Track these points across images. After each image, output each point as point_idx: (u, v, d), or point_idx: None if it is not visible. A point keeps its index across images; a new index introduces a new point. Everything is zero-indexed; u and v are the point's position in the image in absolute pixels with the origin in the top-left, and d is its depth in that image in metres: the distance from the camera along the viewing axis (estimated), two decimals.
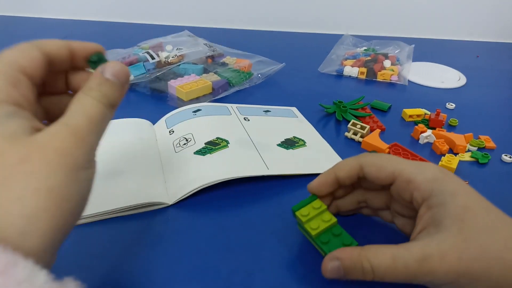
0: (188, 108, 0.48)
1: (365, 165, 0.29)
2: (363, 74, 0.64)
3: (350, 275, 0.24)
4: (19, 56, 0.22)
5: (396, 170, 0.27)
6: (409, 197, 0.27)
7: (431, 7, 0.86)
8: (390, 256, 0.24)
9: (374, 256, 0.24)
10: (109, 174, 0.38)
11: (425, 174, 0.26)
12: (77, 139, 0.20)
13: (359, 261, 0.24)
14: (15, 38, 0.78)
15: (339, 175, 0.29)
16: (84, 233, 0.32)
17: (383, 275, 0.23)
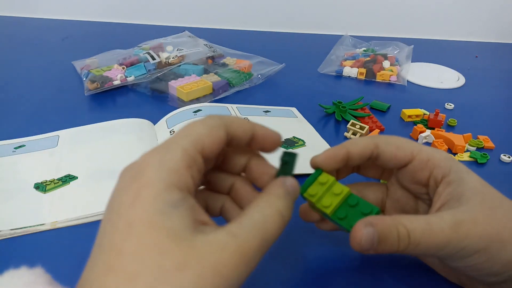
0: (189, 108, 0.48)
1: (382, 144, 0.27)
2: (363, 74, 0.65)
3: (385, 242, 0.22)
4: (206, 134, 0.21)
5: (415, 150, 0.27)
6: (426, 176, 0.26)
7: (430, 8, 0.86)
8: (424, 221, 0.23)
9: (409, 221, 0.23)
10: (110, 174, 0.38)
11: (441, 153, 0.27)
12: (241, 260, 0.18)
13: (394, 226, 0.23)
14: (15, 38, 0.79)
15: (352, 150, 0.27)
16: (84, 233, 0.32)
17: (419, 239, 0.22)
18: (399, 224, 0.23)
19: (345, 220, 0.25)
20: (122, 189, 0.19)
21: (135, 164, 0.21)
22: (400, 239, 0.23)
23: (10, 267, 0.21)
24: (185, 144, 0.20)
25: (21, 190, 0.36)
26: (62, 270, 0.29)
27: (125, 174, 0.20)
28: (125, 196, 0.19)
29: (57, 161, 0.40)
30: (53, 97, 0.55)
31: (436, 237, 0.23)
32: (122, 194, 0.19)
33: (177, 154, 0.20)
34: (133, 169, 0.20)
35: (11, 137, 0.45)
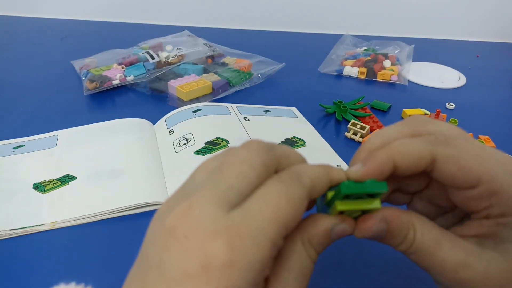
0: (188, 108, 0.48)
1: (442, 161, 0.20)
2: (363, 74, 0.64)
3: (389, 239, 0.21)
4: (293, 216, 0.17)
5: (484, 176, 0.19)
6: (481, 207, 0.20)
7: (431, 7, 0.86)
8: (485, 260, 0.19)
9: (465, 253, 0.20)
10: (109, 174, 0.38)
11: (505, 172, 0.20)
12: None
13: (406, 226, 0.20)
14: (14, 38, 0.79)
15: (400, 164, 0.20)
16: (84, 233, 0.32)
17: (424, 257, 0.20)
18: (411, 227, 0.20)
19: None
20: (188, 275, 0.15)
21: (205, 243, 0.16)
22: (404, 241, 0.20)
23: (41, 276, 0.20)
24: (274, 234, 0.17)
25: (20, 190, 0.36)
26: (62, 270, 0.28)
27: (188, 246, 0.16)
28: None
29: (56, 161, 0.40)
30: (52, 97, 0.55)
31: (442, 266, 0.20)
32: (185, 281, 0.15)
33: (266, 250, 0.16)
34: (201, 249, 0.16)
35: (10, 137, 0.44)
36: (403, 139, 0.21)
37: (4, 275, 0.28)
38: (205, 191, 0.17)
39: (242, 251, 0.16)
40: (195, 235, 0.16)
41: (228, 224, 0.16)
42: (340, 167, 0.21)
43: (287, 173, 0.19)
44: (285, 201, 0.17)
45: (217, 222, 0.16)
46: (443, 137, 0.21)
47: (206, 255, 0.15)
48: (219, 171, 0.18)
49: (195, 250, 0.16)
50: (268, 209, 0.17)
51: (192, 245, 0.16)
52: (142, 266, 0.17)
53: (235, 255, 0.16)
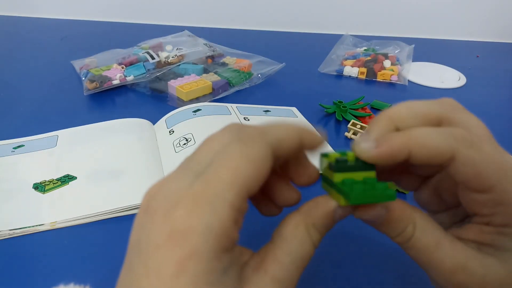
0: (188, 108, 0.48)
1: (460, 162, 0.19)
2: (363, 74, 0.64)
3: (386, 228, 0.20)
4: (253, 176, 0.17)
5: (497, 186, 0.19)
6: (486, 213, 0.20)
7: (431, 7, 0.86)
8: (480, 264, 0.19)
9: (464, 256, 0.19)
10: (109, 174, 0.38)
11: (493, 160, 0.19)
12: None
13: (407, 219, 0.20)
14: (13, 38, 0.79)
15: (415, 155, 0.19)
16: (84, 233, 0.32)
17: (422, 255, 0.20)
18: (444, 250, 0.19)
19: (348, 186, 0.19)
20: (157, 246, 0.16)
21: (169, 212, 0.17)
22: (401, 234, 0.20)
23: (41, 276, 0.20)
24: (232, 198, 0.17)
25: (20, 190, 0.36)
26: (62, 270, 0.28)
27: (156, 220, 0.17)
28: (162, 258, 0.16)
29: (56, 161, 0.40)
30: (52, 97, 0.55)
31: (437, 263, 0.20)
32: (156, 252, 0.16)
33: (224, 214, 0.16)
34: (166, 219, 0.16)
35: (10, 137, 0.44)
36: (427, 128, 0.20)
37: (4, 275, 0.29)
38: (177, 169, 0.19)
39: (200, 216, 0.16)
40: (162, 208, 0.17)
41: (190, 193, 0.17)
42: (316, 132, 0.21)
43: (249, 133, 0.19)
44: (244, 161, 0.17)
45: (181, 192, 0.17)
46: (469, 136, 0.20)
47: (170, 225, 0.16)
48: (193, 152, 0.19)
49: (161, 221, 0.16)
50: (227, 172, 0.17)
51: (159, 218, 0.17)
52: (127, 251, 0.18)
53: (193, 221, 0.16)
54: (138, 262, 0.17)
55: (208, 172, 0.17)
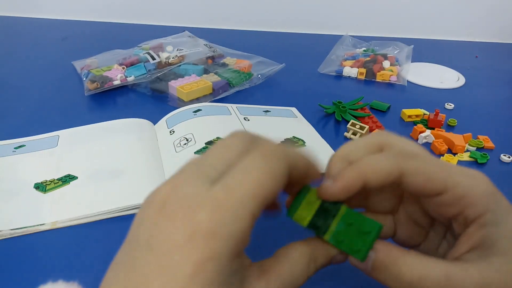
0: (189, 108, 0.48)
1: (409, 174, 0.22)
2: (363, 74, 0.64)
3: (378, 273, 0.21)
4: (272, 190, 0.19)
5: (449, 182, 0.21)
6: (455, 212, 0.22)
7: (430, 8, 0.86)
8: (444, 273, 0.20)
9: (423, 267, 0.20)
10: (110, 174, 0.38)
11: (480, 187, 0.22)
12: None
13: (396, 265, 0.20)
14: (15, 38, 0.79)
15: (369, 180, 0.22)
16: (84, 233, 0.33)
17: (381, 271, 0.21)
18: (403, 265, 0.20)
19: (345, 243, 0.22)
20: (175, 246, 0.17)
21: (191, 215, 0.17)
22: (397, 278, 0.20)
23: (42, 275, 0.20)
24: (254, 208, 0.18)
25: (21, 190, 0.36)
26: (62, 270, 0.29)
27: (176, 220, 0.17)
28: (180, 258, 0.17)
29: (57, 161, 0.40)
30: (53, 97, 0.55)
31: None
32: (174, 252, 0.17)
33: (246, 222, 0.18)
34: (188, 221, 0.17)
35: (11, 137, 0.45)
36: (373, 155, 0.23)
37: (5, 275, 0.29)
38: (188, 171, 0.19)
39: (223, 222, 0.17)
40: (182, 209, 0.17)
41: (211, 197, 0.17)
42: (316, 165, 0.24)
43: (271, 149, 0.20)
44: (268, 176, 0.18)
45: (201, 196, 0.18)
46: (408, 152, 0.23)
47: (191, 226, 0.17)
48: (201, 156, 0.20)
49: (182, 222, 0.17)
50: (250, 183, 0.18)
51: (179, 219, 0.17)
52: (129, 247, 0.18)
53: (217, 226, 0.17)
54: (149, 260, 0.17)
55: (229, 180, 0.18)
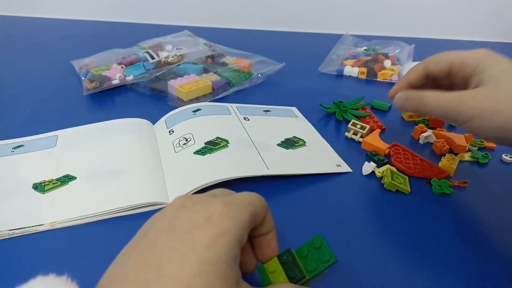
0: (188, 108, 0.47)
1: (427, 64, 0.36)
2: (363, 74, 0.64)
3: (409, 102, 0.34)
4: (260, 208, 0.24)
5: (450, 58, 0.34)
6: (463, 75, 0.34)
7: (431, 7, 0.85)
8: (437, 93, 0.32)
9: (426, 92, 0.33)
10: (109, 174, 0.38)
11: (473, 54, 0.33)
12: None
13: (415, 94, 0.34)
14: (13, 38, 0.78)
15: (411, 81, 0.37)
16: (84, 233, 0.32)
17: (426, 101, 0.32)
18: (419, 93, 0.33)
19: (315, 270, 0.25)
20: (195, 225, 0.21)
21: (207, 205, 0.22)
22: (418, 100, 0.33)
23: (38, 274, 0.21)
24: (251, 210, 0.23)
25: (20, 190, 0.36)
26: (62, 270, 0.28)
27: (195, 210, 0.22)
28: (199, 234, 0.21)
29: (55, 161, 0.40)
30: (51, 97, 0.55)
31: (441, 103, 0.32)
32: (194, 229, 0.21)
33: (247, 216, 0.23)
34: (205, 208, 0.22)
35: (9, 137, 0.44)
36: None
37: (4, 275, 0.28)
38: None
39: (233, 209, 0.22)
40: (199, 203, 0.23)
41: (219, 199, 0.23)
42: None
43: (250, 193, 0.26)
44: (257, 197, 0.25)
45: (211, 198, 0.23)
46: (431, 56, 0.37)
47: (209, 212, 0.22)
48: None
49: (200, 211, 0.22)
50: (247, 198, 0.24)
51: (197, 209, 0.22)
52: (144, 236, 0.22)
53: (229, 210, 0.22)
54: (168, 240, 0.21)
55: (229, 196, 0.24)
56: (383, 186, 0.38)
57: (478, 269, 0.30)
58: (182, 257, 0.20)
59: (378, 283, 0.29)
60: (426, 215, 0.35)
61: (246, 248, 0.26)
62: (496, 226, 0.34)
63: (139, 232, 0.23)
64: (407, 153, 0.43)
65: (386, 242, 0.32)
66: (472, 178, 0.40)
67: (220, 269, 0.20)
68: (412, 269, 0.30)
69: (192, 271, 0.19)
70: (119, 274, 0.20)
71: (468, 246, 0.32)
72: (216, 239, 0.20)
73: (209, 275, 0.19)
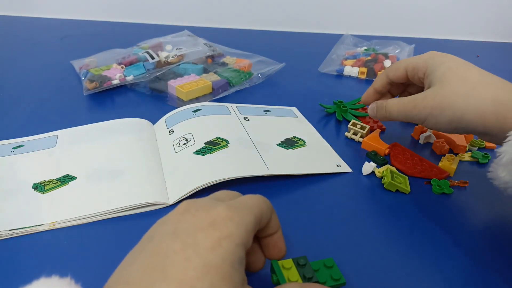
0: (188, 108, 0.47)
1: (388, 72, 0.41)
2: (363, 74, 0.64)
3: (378, 112, 0.40)
4: (265, 212, 0.25)
5: (403, 65, 0.39)
6: (418, 78, 0.38)
7: (431, 7, 0.85)
8: (397, 100, 0.38)
9: (390, 101, 0.39)
10: (109, 174, 0.38)
11: (423, 57, 0.38)
12: None
13: (382, 104, 0.40)
14: (13, 38, 0.78)
15: (377, 88, 0.43)
16: (84, 233, 0.32)
17: (391, 110, 0.38)
18: (384, 103, 0.39)
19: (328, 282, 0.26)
20: (199, 229, 0.21)
21: (211, 210, 0.23)
22: (384, 110, 0.39)
23: (41, 276, 0.21)
24: (256, 213, 0.24)
25: (20, 190, 0.36)
26: (61, 270, 0.28)
27: (199, 215, 0.22)
28: (203, 237, 0.21)
29: (55, 161, 0.40)
30: (51, 97, 0.55)
31: (400, 108, 0.37)
32: (198, 233, 0.21)
33: (251, 219, 0.23)
34: (209, 213, 0.22)
35: (9, 137, 0.44)
36: None
37: (4, 275, 0.28)
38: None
39: (237, 212, 0.23)
40: (203, 208, 0.23)
41: (224, 203, 0.23)
42: None
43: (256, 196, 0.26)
44: (262, 200, 0.25)
45: (215, 203, 0.23)
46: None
47: (212, 216, 0.22)
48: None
49: (204, 215, 0.22)
50: (253, 200, 0.25)
51: (201, 214, 0.22)
52: (150, 240, 0.22)
53: (233, 215, 0.22)
54: (173, 243, 0.21)
55: (234, 200, 0.24)
56: (383, 186, 0.38)
57: (478, 269, 0.30)
58: (186, 260, 0.20)
59: (378, 283, 0.29)
60: (426, 215, 0.35)
61: (254, 248, 0.26)
62: (496, 226, 0.34)
63: (145, 236, 0.23)
64: (407, 153, 0.43)
65: (386, 242, 0.32)
66: (472, 178, 0.40)
67: (224, 272, 0.20)
68: (411, 269, 0.30)
69: (195, 273, 0.20)
70: (124, 277, 0.21)
71: (468, 246, 0.32)
72: (219, 242, 0.21)
73: (213, 277, 0.20)
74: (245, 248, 0.22)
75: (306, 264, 0.26)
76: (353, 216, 0.35)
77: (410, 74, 0.39)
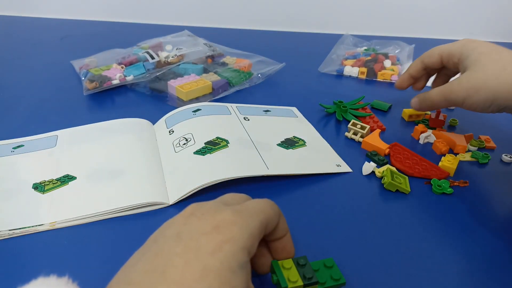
0: (188, 108, 0.47)
1: (423, 59, 0.45)
2: (363, 74, 0.64)
3: (422, 104, 0.44)
4: (272, 217, 0.25)
5: (439, 51, 0.43)
6: (453, 64, 0.42)
7: (431, 7, 0.85)
8: (436, 90, 0.41)
9: (432, 91, 0.42)
10: (109, 174, 0.38)
11: (457, 44, 0.41)
12: None
13: (423, 96, 0.43)
14: (13, 38, 0.78)
15: (412, 73, 0.47)
16: (84, 233, 0.32)
17: (433, 99, 0.41)
18: (426, 95, 0.43)
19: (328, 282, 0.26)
20: (203, 233, 0.22)
21: (216, 214, 0.23)
22: (427, 101, 0.43)
23: (39, 276, 0.21)
24: (262, 218, 0.24)
25: (20, 190, 0.36)
26: (61, 270, 0.28)
27: (204, 218, 0.23)
28: (205, 241, 0.21)
29: (55, 161, 0.40)
30: (51, 97, 0.55)
31: (440, 96, 0.41)
32: (201, 236, 0.22)
33: (256, 224, 0.23)
34: (214, 217, 0.23)
35: (9, 137, 0.44)
36: None
37: (4, 275, 0.28)
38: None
39: (242, 216, 0.23)
40: (208, 212, 0.23)
41: (230, 208, 0.23)
42: None
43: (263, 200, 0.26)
44: (268, 204, 0.25)
45: (221, 207, 0.24)
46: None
47: (217, 220, 0.22)
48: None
49: (209, 219, 0.23)
50: (259, 205, 0.25)
51: (206, 217, 0.23)
52: (154, 243, 0.23)
53: (237, 218, 0.22)
54: (176, 247, 0.21)
55: (240, 205, 0.24)
56: (383, 186, 0.38)
57: (478, 269, 0.30)
58: (186, 263, 0.20)
59: (378, 283, 0.29)
60: (426, 215, 0.35)
61: (263, 251, 0.27)
62: (496, 226, 0.34)
63: (150, 239, 0.24)
64: (407, 153, 0.43)
65: (386, 242, 0.32)
66: (472, 178, 0.40)
67: (222, 276, 0.20)
68: (411, 269, 0.30)
69: (194, 276, 0.20)
70: (126, 278, 0.21)
71: (468, 247, 0.32)
72: (220, 246, 0.21)
73: (210, 281, 0.20)
74: (249, 252, 0.22)
75: (306, 264, 0.27)
76: (353, 216, 0.35)
77: (445, 60, 0.43)
